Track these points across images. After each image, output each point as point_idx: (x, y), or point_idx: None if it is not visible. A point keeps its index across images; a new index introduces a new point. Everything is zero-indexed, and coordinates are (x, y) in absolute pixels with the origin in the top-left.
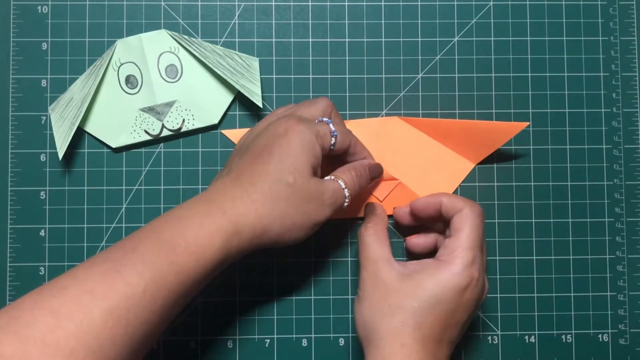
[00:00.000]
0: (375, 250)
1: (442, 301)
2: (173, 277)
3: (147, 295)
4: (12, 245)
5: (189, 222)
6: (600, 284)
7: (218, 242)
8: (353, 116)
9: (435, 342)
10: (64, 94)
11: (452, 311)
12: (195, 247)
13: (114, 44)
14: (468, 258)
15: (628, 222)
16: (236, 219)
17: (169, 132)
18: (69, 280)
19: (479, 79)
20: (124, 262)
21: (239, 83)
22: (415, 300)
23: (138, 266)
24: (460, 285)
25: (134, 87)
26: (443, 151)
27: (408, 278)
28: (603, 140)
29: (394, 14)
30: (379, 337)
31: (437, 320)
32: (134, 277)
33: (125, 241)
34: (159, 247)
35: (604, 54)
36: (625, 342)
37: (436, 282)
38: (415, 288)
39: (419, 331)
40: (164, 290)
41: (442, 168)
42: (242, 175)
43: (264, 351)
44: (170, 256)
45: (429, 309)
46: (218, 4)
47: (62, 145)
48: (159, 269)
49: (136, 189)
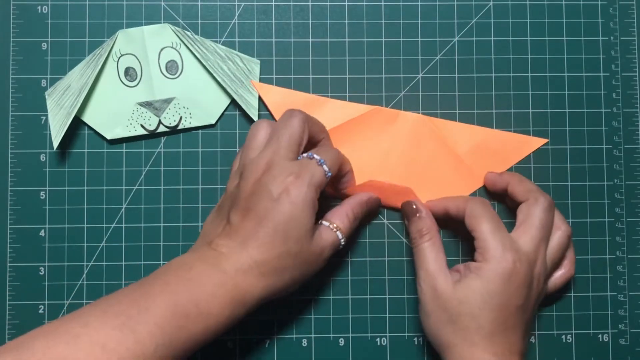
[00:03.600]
0: (431, 261)
1: (493, 295)
2: (182, 342)
3: (157, 356)
4: (12, 245)
5: (202, 291)
6: (600, 284)
7: (227, 314)
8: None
9: (501, 333)
10: (61, 80)
11: (506, 300)
12: (206, 316)
13: (115, 33)
14: (496, 246)
15: (628, 222)
16: (246, 290)
17: (165, 128)
18: (81, 329)
19: (479, 79)
20: (138, 320)
21: (238, 93)
22: (469, 305)
23: (151, 327)
24: (502, 275)
25: (133, 80)
26: (458, 163)
27: (459, 285)
28: (603, 140)
29: (394, 14)
30: (449, 345)
31: (495, 313)
32: (146, 337)
33: (140, 296)
34: (173, 312)
35: (604, 54)
36: (625, 342)
37: (481, 280)
38: (467, 293)
39: (482, 329)
40: (172, 352)
41: (452, 182)
42: (247, 243)
43: (264, 351)
44: (181, 321)
45: (484, 307)
46: (218, 4)
47: (58, 134)
48: (170, 333)
49: (136, 189)
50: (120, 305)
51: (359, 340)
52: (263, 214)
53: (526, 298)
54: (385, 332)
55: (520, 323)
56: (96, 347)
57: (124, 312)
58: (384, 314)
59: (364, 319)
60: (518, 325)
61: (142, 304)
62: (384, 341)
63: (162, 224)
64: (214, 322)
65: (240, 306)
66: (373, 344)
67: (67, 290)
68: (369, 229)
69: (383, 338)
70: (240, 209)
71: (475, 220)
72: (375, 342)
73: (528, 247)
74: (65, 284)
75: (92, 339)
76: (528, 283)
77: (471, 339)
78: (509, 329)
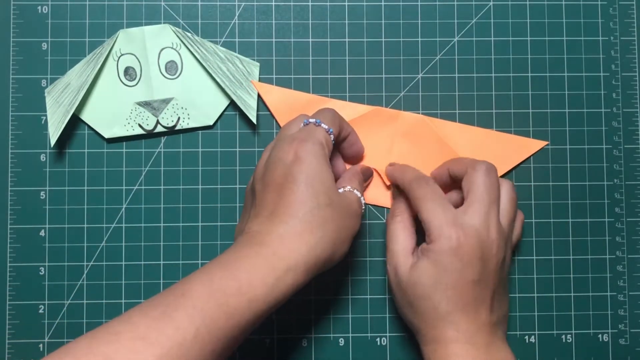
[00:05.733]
0: (397, 242)
1: (442, 274)
2: (224, 321)
3: (198, 340)
4: (12, 245)
5: (240, 265)
6: (600, 284)
7: (271, 282)
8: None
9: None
10: (60, 78)
11: (457, 277)
12: (247, 289)
13: (116, 33)
14: (438, 225)
15: (628, 222)
16: (288, 255)
17: (163, 128)
18: (123, 325)
19: (479, 79)
20: (175, 307)
21: (237, 94)
22: (422, 287)
23: (189, 309)
24: (448, 253)
25: (132, 80)
26: None
27: (413, 268)
28: (603, 140)
29: (394, 14)
30: (414, 328)
31: (448, 292)
32: (185, 321)
33: (177, 285)
34: (210, 289)
35: (604, 54)
36: (625, 342)
37: (429, 261)
38: (419, 275)
39: (437, 310)
40: (214, 335)
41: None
42: (276, 211)
43: (264, 351)
44: (220, 299)
45: (436, 287)
46: (218, 4)
47: (56, 131)
48: (210, 313)
49: (136, 189)
50: (159, 299)
51: (359, 340)
52: (283, 181)
53: (481, 271)
54: (385, 332)
55: (482, 296)
56: (137, 342)
57: (161, 303)
58: (384, 314)
59: (364, 319)
60: (480, 299)
61: (178, 291)
62: (384, 341)
63: (162, 224)
64: (258, 294)
65: (285, 273)
66: (373, 344)
67: (67, 290)
68: (369, 229)
69: (383, 338)
70: (261, 189)
71: (418, 201)
72: (375, 342)
73: (474, 219)
74: (65, 284)
75: (132, 334)
76: (479, 255)
77: (431, 322)
78: (469, 304)
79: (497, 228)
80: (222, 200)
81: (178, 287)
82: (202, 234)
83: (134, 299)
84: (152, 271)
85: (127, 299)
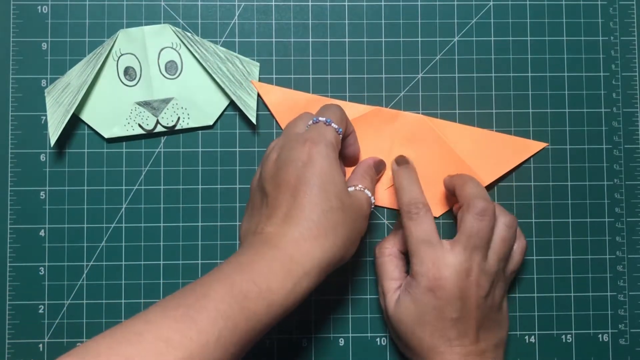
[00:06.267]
0: (385, 278)
1: (423, 311)
2: (244, 324)
3: (220, 342)
4: (12, 245)
5: (258, 268)
6: (600, 284)
7: (289, 287)
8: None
9: (444, 344)
10: (60, 78)
11: (438, 314)
12: (267, 293)
13: (115, 33)
14: (419, 262)
15: (628, 222)
16: (304, 260)
17: (162, 128)
18: (144, 325)
19: (479, 79)
20: (197, 309)
21: (236, 94)
22: (405, 324)
23: (211, 312)
24: (427, 291)
25: (132, 80)
26: (459, 163)
27: (397, 304)
28: (603, 140)
29: (394, 14)
30: (410, 357)
31: (430, 327)
32: (207, 324)
33: (197, 286)
34: (231, 293)
35: (604, 54)
36: (625, 342)
37: (411, 298)
38: (403, 311)
39: (422, 344)
40: (236, 337)
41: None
42: (290, 213)
43: (264, 351)
44: (242, 302)
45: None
46: (218, 4)
47: (56, 131)
48: (232, 316)
49: (136, 189)
50: (179, 299)
51: (359, 341)
52: (296, 183)
53: (461, 309)
54: (385, 332)
55: (464, 330)
56: (160, 343)
57: (182, 303)
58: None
59: (364, 319)
60: (462, 332)
61: (199, 292)
62: (384, 341)
63: (162, 224)
64: (276, 298)
65: (301, 277)
66: (373, 344)
67: (67, 290)
68: (369, 229)
69: (383, 338)
70: (272, 189)
71: (406, 232)
72: (375, 342)
73: (457, 259)
74: (65, 284)
75: (155, 335)
76: (458, 295)
77: (419, 353)
78: (451, 339)
79: (479, 268)
80: (222, 200)
81: (197, 288)
82: (202, 234)
83: (134, 299)
84: (152, 271)
85: (127, 299)
